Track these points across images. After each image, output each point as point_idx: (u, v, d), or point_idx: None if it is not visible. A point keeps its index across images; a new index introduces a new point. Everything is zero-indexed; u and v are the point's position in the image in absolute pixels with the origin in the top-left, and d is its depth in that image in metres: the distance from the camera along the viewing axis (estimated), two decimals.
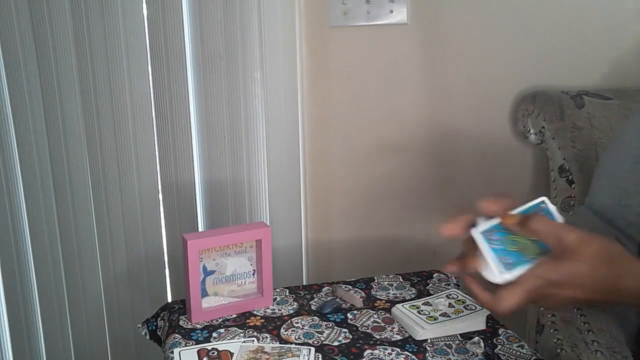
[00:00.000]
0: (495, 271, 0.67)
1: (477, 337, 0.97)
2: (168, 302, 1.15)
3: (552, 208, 0.73)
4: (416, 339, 0.98)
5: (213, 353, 0.93)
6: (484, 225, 0.71)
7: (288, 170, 1.58)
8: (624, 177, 0.93)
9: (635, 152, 0.92)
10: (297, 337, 0.99)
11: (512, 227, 0.70)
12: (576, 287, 0.67)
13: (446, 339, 0.98)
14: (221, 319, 1.05)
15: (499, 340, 0.97)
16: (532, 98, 1.43)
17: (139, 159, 1.56)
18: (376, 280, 1.21)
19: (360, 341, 0.97)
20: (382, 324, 1.03)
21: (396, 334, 1.00)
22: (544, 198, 0.74)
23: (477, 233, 0.70)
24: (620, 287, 0.69)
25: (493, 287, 0.69)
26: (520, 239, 0.70)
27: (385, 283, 1.19)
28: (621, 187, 0.93)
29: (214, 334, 1.00)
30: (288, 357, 0.91)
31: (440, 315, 1.01)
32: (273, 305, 1.10)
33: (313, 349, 0.93)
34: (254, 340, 0.97)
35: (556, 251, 0.68)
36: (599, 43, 1.50)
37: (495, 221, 0.71)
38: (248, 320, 1.05)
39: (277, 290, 1.15)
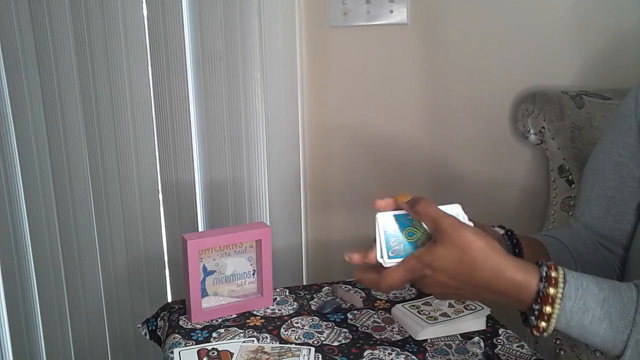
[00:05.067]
0: (381, 254, 0.75)
1: (477, 337, 0.97)
2: (168, 302, 1.15)
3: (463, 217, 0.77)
4: (416, 339, 0.98)
5: (213, 353, 0.93)
6: (391, 212, 0.77)
7: (288, 170, 1.58)
8: (608, 186, 0.93)
9: (615, 159, 0.92)
10: (297, 337, 0.99)
11: (403, 206, 0.76)
12: (442, 272, 0.71)
13: (446, 339, 0.98)
14: (221, 319, 1.05)
15: (499, 340, 0.97)
16: (532, 98, 1.43)
17: (139, 159, 1.56)
18: None
19: (360, 341, 0.97)
20: (382, 324, 1.03)
21: (396, 334, 1.00)
22: (457, 206, 0.78)
23: (379, 216, 0.77)
24: (477, 280, 0.71)
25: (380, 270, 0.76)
26: (417, 232, 0.76)
27: None
28: (607, 196, 0.93)
29: (214, 334, 1.00)
30: (288, 357, 0.91)
31: (440, 315, 1.01)
32: (273, 305, 1.10)
33: (313, 349, 0.93)
34: (254, 340, 0.97)
35: (434, 235, 0.73)
36: (599, 43, 1.50)
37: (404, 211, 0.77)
38: (248, 320, 1.05)
39: (277, 290, 1.15)
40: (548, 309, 0.68)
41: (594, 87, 1.47)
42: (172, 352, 0.95)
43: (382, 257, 0.75)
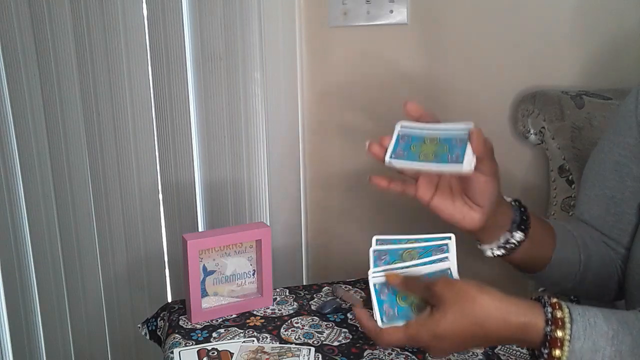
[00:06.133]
0: (377, 320, 0.75)
1: None
2: (168, 302, 1.15)
3: (452, 251, 0.77)
4: None
5: (213, 353, 0.93)
6: (379, 274, 0.78)
7: (288, 170, 1.58)
8: (608, 185, 0.93)
9: (615, 158, 0.92)
10: (297, 337, 0.99)
11: (396, 286, 0.76)
12: (446, 337, 0.69)
13: None
14: (221, 319, 1.05)
15: None
16: (532, 98, 1.43)
17: (139, 159, 1.56)
18: None
19: (360, 341, 0.97)
20: None
21: None
22: (450, 238, 0.79)
23: (371, 282, 0.77)
24: (485, 333, 0.69)
25: None
26: (411, 295, 0.76)
27: None
28: (607, 195, 0.93)
29: (214, 334, 1.00)
30: (288, 357, 0.91)
31: None
32: (273, 305, 1.10)
33: (313, 349, 0.93)
34: (253, 340, 0.97)
35: (431, 301, 0.72)
36: (599, 43, 1.50)
37: (394, 266, 0.78)
38: (248, 320, 1.05)
39: (277, 290, 1.15)
40: (557, 352, 0.67)
41: (594, 87, 1.47)
42: (172, 352, 0.95)
43: (378, 323, 0.75)
